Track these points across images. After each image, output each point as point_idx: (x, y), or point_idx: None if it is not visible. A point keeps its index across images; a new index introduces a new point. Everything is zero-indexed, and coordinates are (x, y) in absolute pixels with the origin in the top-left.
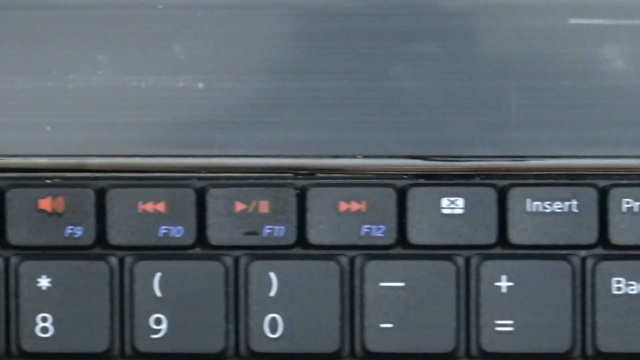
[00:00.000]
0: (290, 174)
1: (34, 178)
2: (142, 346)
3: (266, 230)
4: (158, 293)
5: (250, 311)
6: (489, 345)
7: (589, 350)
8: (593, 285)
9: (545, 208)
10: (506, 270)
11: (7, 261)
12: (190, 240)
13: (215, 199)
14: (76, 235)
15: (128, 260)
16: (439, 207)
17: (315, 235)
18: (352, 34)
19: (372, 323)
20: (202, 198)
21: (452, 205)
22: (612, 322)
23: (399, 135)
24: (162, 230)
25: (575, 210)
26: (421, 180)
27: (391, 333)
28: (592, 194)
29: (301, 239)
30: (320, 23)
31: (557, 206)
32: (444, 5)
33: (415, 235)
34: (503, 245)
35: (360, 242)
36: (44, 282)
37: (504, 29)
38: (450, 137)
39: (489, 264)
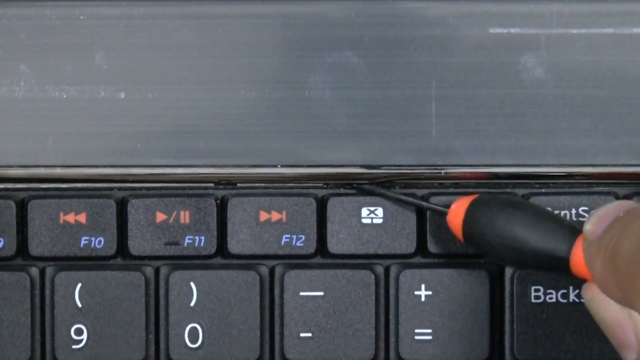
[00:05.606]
0: (211, 184)
1: None
2: (63, 356)
3: (187, 240)
4: (79, 303)
5: (171, 321)
6: (408, 354)
7: (507, 359)
8: (512, 293)
9: None
10: (425, 279)
11: None
12: (111, 250)
13: (136, 209)
14: None
15: (49, 271)
16: (359, 217)
17: (235, 245)
18: (271, 43)
19: (292, 332)
20: (123, 208)
21: (372, 215)
22: (530, 331)
23: (319, 145)
24: (83, 241)
25: None
26: (341, 190)
27: (311, 342)
28: None
29: (222, 249)
30: (240, 33)
31: None
32: (362, 14)
33: (335, 244)
34: (422, 254)
35: (280, 252)
36: None
37: (424, 38)
38: (370, 146)
39: (408, 273)
